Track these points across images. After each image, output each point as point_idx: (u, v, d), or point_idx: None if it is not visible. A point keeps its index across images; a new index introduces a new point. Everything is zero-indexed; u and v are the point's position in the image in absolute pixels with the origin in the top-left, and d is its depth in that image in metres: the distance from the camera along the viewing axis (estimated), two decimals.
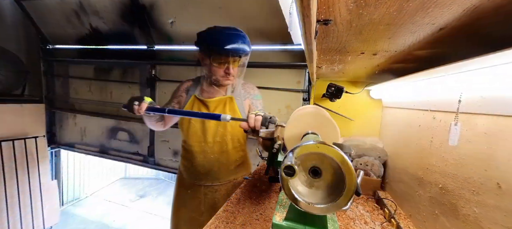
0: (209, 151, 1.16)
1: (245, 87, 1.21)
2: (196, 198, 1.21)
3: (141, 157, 2.66)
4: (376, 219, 0.96)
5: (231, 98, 1.15)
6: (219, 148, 1.16)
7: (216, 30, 1.05)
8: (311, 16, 0.38)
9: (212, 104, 1.13)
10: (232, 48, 1.01)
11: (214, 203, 1.19)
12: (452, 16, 0.45)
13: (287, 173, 0.42)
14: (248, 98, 1.19)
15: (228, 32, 1.03)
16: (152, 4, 2.06)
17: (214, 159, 1.17)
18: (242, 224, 0.82)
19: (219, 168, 1.18)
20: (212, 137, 1.15)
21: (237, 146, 1.20)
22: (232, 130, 1.16)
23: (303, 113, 0.70)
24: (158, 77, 2.43)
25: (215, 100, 1.14)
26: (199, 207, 1.21)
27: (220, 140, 1.16)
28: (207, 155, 1.16)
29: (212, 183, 1.20)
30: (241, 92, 1.18)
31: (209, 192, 1.20)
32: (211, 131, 1.14)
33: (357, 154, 1.33)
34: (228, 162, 1.19)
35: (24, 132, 2.53)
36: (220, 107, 1.14)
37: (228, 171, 1.20)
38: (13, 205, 2.40)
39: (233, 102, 1.15)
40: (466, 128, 0.69)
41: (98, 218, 3.66)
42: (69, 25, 2.57)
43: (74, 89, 2.93)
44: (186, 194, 1.24)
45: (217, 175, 1.19)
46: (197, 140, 1.16)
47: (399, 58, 0.82)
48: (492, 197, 0.58)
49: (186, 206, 1.24)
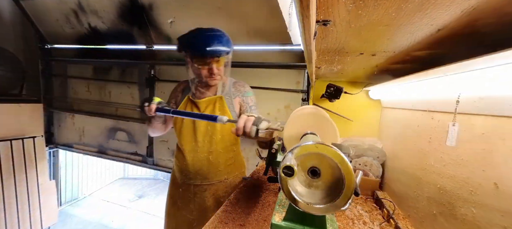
0: (199, 150, 1.18)
1: (236, 86, 1.22)
2: (186, 197, 1.24)
3: (140, 157, 2.65)
4: (375, 219, 0.96)
5: (221, 97, 1.16)
6: (208, 147, 1.18)
7: (194, 33, 1.06)
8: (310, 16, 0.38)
9: (203, 104, 1.16)
10: (211, 49, 1.02)
11: (204, 202, 1.21)
12: (450, 17, 0.46)
13: (286, 173, 0.42)
14: (238, 96, 1.19)
15: (206, 34, 1.04)
16: (151, 4, 2.05)
17: (204, 158, 1.19)
18: (241, 224, 0.82)
19: (208, 167, 1.19)
20: (202, 136, 1.17)
21: (227, 146, 1.21)
22: (222, 130, 1.17)
23: (302, 113, 0.70)
24: (157, 77, 2.43)
25: (205, 101, 1.16)
26: (188, 206, 1.23)
27: (210, 140, 1.18)
28: (197, 155, 1.18)
29: (202, 182, 1.21)
30: (231, 91, 1.19)
31: (198, 191, 1.22)
32: (201, 130, 1.17)
33: (356, 154, 1.33)
34: (217, 162, 1.20)
35: (22, 132, 2.52)
36: (210, 107, 1.15)
37: (217, 171, 1.21)
38: (11, 205, 2.38)
39: (222, 101, 1.16)
40: (464, 128, 0.69)
41: (97, 218, 3.64)
42: (68, 24, 2.56)
43: (72, 89, 2.92)
44: (178, 192, 1.27)
45: (206, 174, 1.20)
46: (188, 139, 1.19)
47: (397, 58, 0.82)
48: (489, 197, 0.58)
49: (177, 204, 1.27)
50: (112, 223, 3.57)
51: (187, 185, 1.23)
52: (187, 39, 1.07)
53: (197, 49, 1.03)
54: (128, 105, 2.61)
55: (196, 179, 1.21)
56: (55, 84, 3.01)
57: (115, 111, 2.69)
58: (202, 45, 1.02)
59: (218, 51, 1.04)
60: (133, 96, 2.59)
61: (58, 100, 3.01)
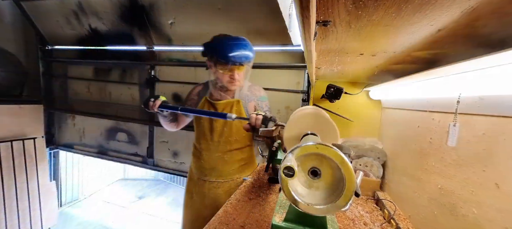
0: (214, 149, 1.26)
1: (251, 89, 1.30)
2: (201, 192, 1.31)
3: (140, 158, 2.65)
4: (376, 220, 0.96)
5: (238, 101, 1.24)
6: (224, 147, 1.25)
7: (220, 40, 1.14)
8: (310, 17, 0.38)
9: (220, 106, 1.24)
10: (235, 56, 1.10)
11: (217, 198, 1.28)
12: (450, 18, 0.46)
13: (287, 174, 0.42)
14: (253, 100, 1.28)
15: (232, 42, 1.12)
16: (151, 5, 2.06)
17: (218, 157, 1.26)
18: (242, 225, 0.81)
19: (222, 166, 1.27)
20: (217, 137, 1.25)
21: (241, 147, 1.29)
22: (237, 132, 1.25)
23: (302, 114, 0.70)
24: (158, 78, 2.43)
25: (223, 103, 1.24)
26: (203, 201, 1.30)
27: (225, 140, 1.25)
28: (212, 153, 1.26)
29: (216, 179, 1.28)
30: (247, 95, 1.27)
31: (212, 188, 1.29)
32: (218, 131, 1.24)
33: (356, 154, 1.33)
34: (232, 161, 1.27)
35: (23, 133, 2.52)
36: (227, 109, 1.23)
37: (231, 169, 1.28)
38: (11, 206, 2.38)
39: (239, 105, 1.24)
40: (464, 128, 0.69)
41: (97, 219, 3.64)
42: (68, 26, 2.56)
43: (73, 89, 2.92)
44: (194, 188, 1.35)
45: (220, 172, 1.27)
46: (204, 139, 1.28)
47: (398, 59, 0.82)
48: (490, 197, 0.58)
49: (193, 198, 1.35)
50: (112, 224, 3.57)
51: (202, 181, 1.31)
52: (212, 45, 1.15)
53: (222, 56, 1.11)
54: (128, 106, 2.61)
55: (211, 176, 1.28)
56: (56, 85, 3.01)
57: (115, 112, 2.69)
58: (226, 52, 1.10)
59: (242, 59, 1.13)
60: (133, 97, 2.60)
61: (59, 101, 3.01)
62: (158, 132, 2.52)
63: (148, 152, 2.55)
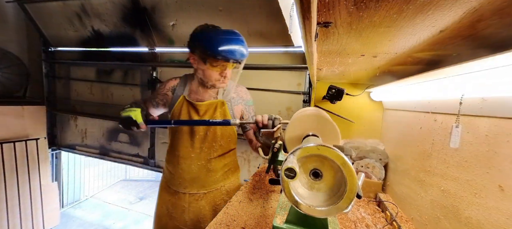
0: (195, 157, 1.09)
1: (238, 91, 1.15)
2: (179, 206, 1.13)
3: (142, 159, 2.66)
4: (378, 222, 0.95)
5: (223, 102, 1.09)
6: (207, 154, 1.09)
7: (212, 32, 0.98)
8: (311, 18, 0.38)
9: (203, 107, 1.07)
10: (232, 51, 0.95)
11: (199, 212, 1.13)
12: (452, 19, 0.45)
13: (288, 175, 0.42)
14: (241, 104, 1.14)
15: (227, 37, 0.97)
16: (153, 6, 2.07)
17: (201, 166, 1.10)
18: (242, 226, 0.81)
19: (206, 175, 1.11)
20: (199, 143, 1.08)
21: (225, 152, 1.14)
22: (222, 136, 1.11)
23: (303, 115, 0.70)
24: (159, 79, 2.44)
25: (205, 104, 1.08)
26: (182, 216, 1.13)
27: (208, 146, 1.09)
28: (193, 161, 1.09)
29: (198, 191, 1.12)
30: (232, 96, 1.13)
31: (193, 201, 1.12)
32: (200, 135, 1.08)
33: (358, 156, 1.32)
34: (216, 169, 1.12)
35: (25, 133, 2.54)
36: (210, 111, 1.08)
37: (215, 178, 1.13)
38: (13, 206, 2.39)
39: (224, 106, 1.09)
40: (467, 130, 0.68)
41: (98, 220, 3.65)
42: (71, 27, 2.59)
43: (75, 91, 2.94)
44: (169, 201, 1.16)
45: (203, 182, 1.12)
46: (183, 145, 1.09)
47: (399, 60, 0.82)
48: (494, 199, 0.58)
49: (169, 214, 1.16)
50: (113, 225, 3.57)
51: (181, 194, 1.13)
52: (204, 37, 0.97)
53: (215, 50, 0.93)
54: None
55: (192, 188, 1.11)
56: (58, 86, 3.03)
57: (117, 113, 2.70)
58: (221, 46, 0.93)
59: (237, 55, 0.97)
60: (135, 98, 2.61)
61: (61, 102, 3.03)
62: (160, 133, 2.53)
63: (149, 153, 2.56)
